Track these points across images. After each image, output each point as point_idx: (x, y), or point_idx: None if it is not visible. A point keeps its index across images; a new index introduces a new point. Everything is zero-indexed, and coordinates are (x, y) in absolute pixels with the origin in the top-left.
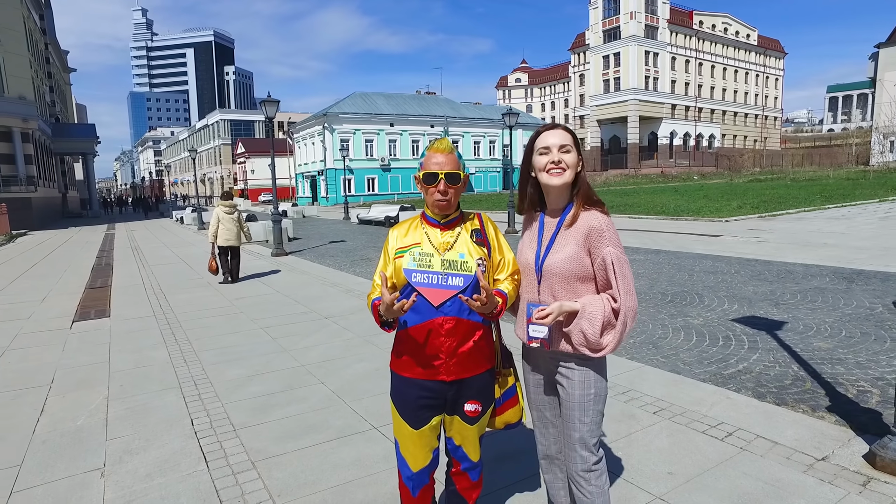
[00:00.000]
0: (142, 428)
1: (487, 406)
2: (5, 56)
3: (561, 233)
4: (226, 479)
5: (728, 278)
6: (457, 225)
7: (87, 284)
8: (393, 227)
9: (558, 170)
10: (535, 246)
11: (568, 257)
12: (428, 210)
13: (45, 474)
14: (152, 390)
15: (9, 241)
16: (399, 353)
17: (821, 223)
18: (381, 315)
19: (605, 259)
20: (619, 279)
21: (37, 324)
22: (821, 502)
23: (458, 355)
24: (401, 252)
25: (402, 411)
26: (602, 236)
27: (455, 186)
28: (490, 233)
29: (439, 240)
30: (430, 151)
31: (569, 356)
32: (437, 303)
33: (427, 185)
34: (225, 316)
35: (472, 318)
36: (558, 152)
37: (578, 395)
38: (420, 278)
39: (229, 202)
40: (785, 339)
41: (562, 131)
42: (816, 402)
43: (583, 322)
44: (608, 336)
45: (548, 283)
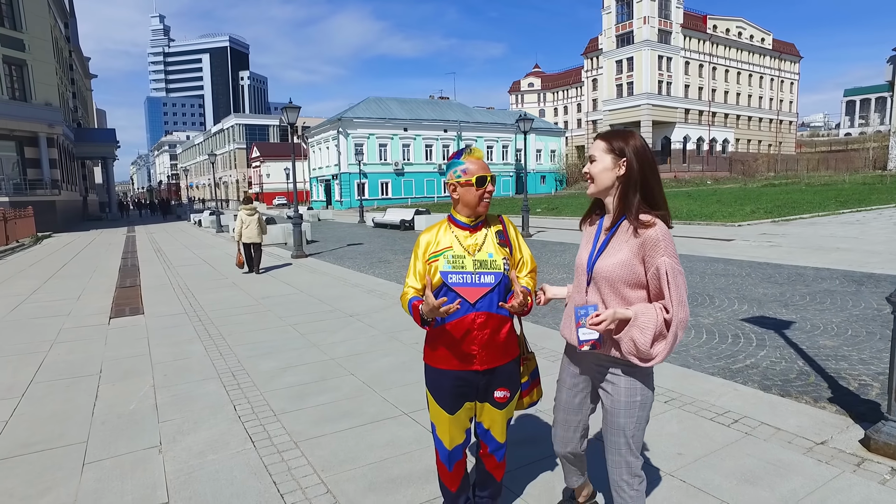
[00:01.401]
0: (189, 413)
1: (515, 392)
2: (34, 64)
3: (616, 237)
4: (272, 457)
5: (739, 281)
6: (482, 227)
7: (117, 284)
8: (422, 232)
9: (589, 181)
10: (589, 247)
11: (619, 263)
12: (456, 213)
13: (110, 450)
14: (194, 380)
15: (35, 243)
16: (434, 347)
17: (834, 228)
18: (423, 315)
19: (659, 269)
20: (673, 290)
21: (77, 320)
22: (817, 479)
23: (490, 346)
24: (434, 256)
25: (439, 399)
26: (657, 246)
27: (493, 188)
28: (511, 234)
29: (468, 242)
30: (472, 158)
31: (616, 362)
32: (474, 300)
33: (479, 187)
34: (253, 314)
35: (500, 312)
36: (588, 162)
37: (625, 402)
38: (456, 279)
39: (250, 206)
40: (792, 338)
41: (597, 142)
42: (819, 394)
43: (634, 331)
44: (658, 346)
45: (596, 285)
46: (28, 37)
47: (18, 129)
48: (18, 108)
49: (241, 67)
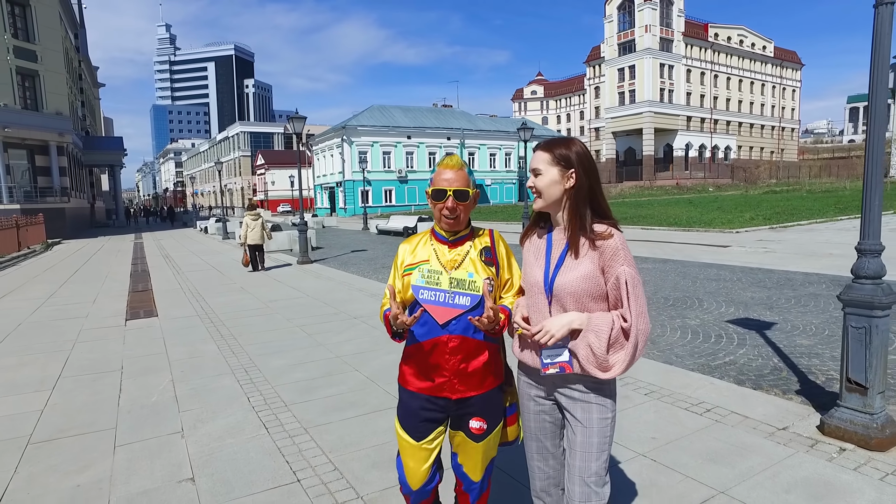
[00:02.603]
0: (207, 404)
1: (494, 424)
2: (45, 75)
3: (572, 251)
4: (285, 441)
5: (729, 285)
6: (466, 242)
7: (129, 288)
8: (403, 241)
9: (534, 195)
10: (542, 264)
11: (583, 276)
12: (437, 226)
13: (137, 435)
14: (209, 375)
15: (46, 250)
16: (406, 368)
17: (830, 234)
18: (392, 326)
19: (619, 278)
20: (633, 299)
21: (95, 321)
22: (773, 458)
23: (463, 374)
24: (409, 269)
25: (405, 422)
26: (617, 255)
27: (464, 203)
28: (500, 252)
29: (447, 257)
30: (440, 168)
31: (577, 378)
32: (443, 321)
33: (436, 201)
34: (262, 316)
35: (477, 337)
36: (532, 176)
37: (597, 419)
38: (427, 296)
39: (254, 212)
40: (772, 337)
41: (539, 153)
42: (788, 387)
43: (589, 335)
44: (617, 355)
45: (559, 303)
46: (40, 48)
47: (30, 138)
48: (30, 117)
49: (246, 75)
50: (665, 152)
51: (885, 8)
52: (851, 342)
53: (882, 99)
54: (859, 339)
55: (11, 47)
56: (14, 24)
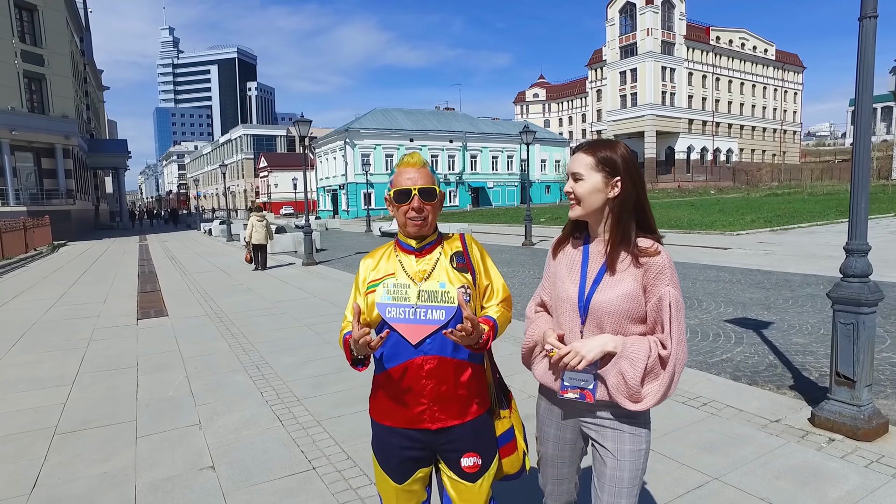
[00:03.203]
0: (222, 398)
1: (490, 459)
2: (52, 78)
3: (612, 266)
4: (298, 432)
5: (728, 286)
6: (434, 249)
7: (138, 289)
8: (365, 256)
9: (572, 202)
10: (577, 279)
11: (624, 295)
12: (402, 235)
13: (157, 427)
14: (222, 372)
15: (53, 251)
16: (377, 399)
17: (830, 237)
18: (353, 352)
19: (662, 300)
20: (675, 324)
21: (107, 321)
22: (765, 447)
23: (444, 400)
24: (373, 285)
25: (384, 463)
26: (663, 274)
27: (431, 203)
28: (475, 255)
29: (415, 268)
30: (401, 167)
31: (607, 405)
32: (416, 340)
33: (399, 203)
34: (270, 315)
35: (457, 356)
36: (571, 181)
37: (630, 452)
38: (395, 313)
39: (259, 213)
40: (768, 336)
41: (580, 155)
42: (782, 383)
43: (623, 363)
44: (650, 385)
45: (595, 322)
46: (48, 52)
47: (36, 141)
48: (37, 120)
49: (249, 78)
50: (667, 155)
51: (869, 21)
52: (840, 338)
53: (867, 106)
54: (847, 334)
55: (19, 51)
56: (22, 29)
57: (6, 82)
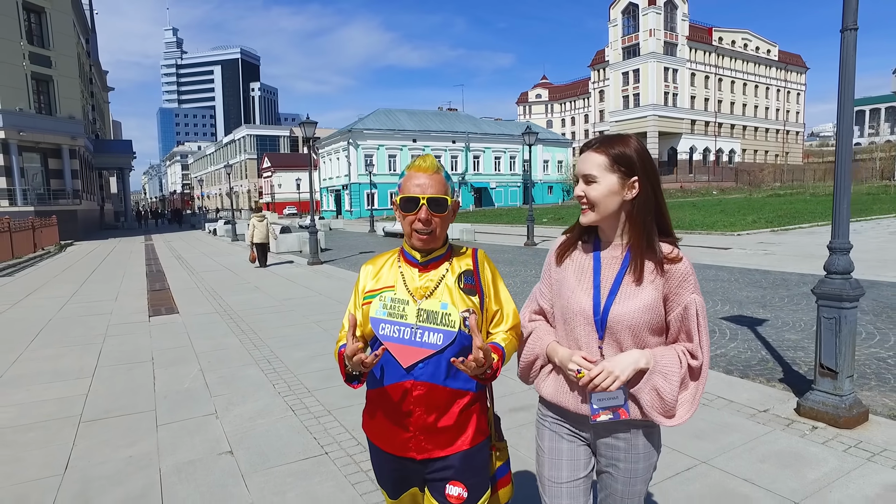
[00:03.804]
0: (236, 390)
1: (479, 491)
2: (59, 80)
3: (630, 275)
4: (310, 421)
5: (726, 285)
6: (441, 264)
7: (147, 287)
8: (367, 261)
9: (584, 207)
10: (589, 289)
11: (645, 306)
12: (406, 245)
13: (175, 416)
14: (235, 365)
15: (60, 251)
16: (369, 415)
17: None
18: (347, 367)
19: (688, 308)
20: (703, 334)
21: (120, 317)
22: (751, 434)
23: (432, 431)
24: (370, 296)
25: (378, 476)
26: (686, 282)
27: (440, 215)
28: (486, 277)
29: (417, 283)
30: (411, 170)
31: (626, 424)
32: (407, 364)
33: (405, 212)
34: (278, 313)
35: (449, 385)
36: (582, 184)
37: (643, 470)
38: (389, 331)
39: (260, 213)
40: (762, 333)
41: (591, 154)
42: (772, 376)
43: (656, 378)
44: (682, 397)
45: (613, 338)
46: (55, 54)
47: (43, 142)
48: (44, 121)
49: (252, 79)
50: (669, 155)
51: (850, 33)
52: (823, 331)
53: (848, 113)
54: (830, 328)
55: (27, 53)
56: (30, 31)
57: (14, 84)
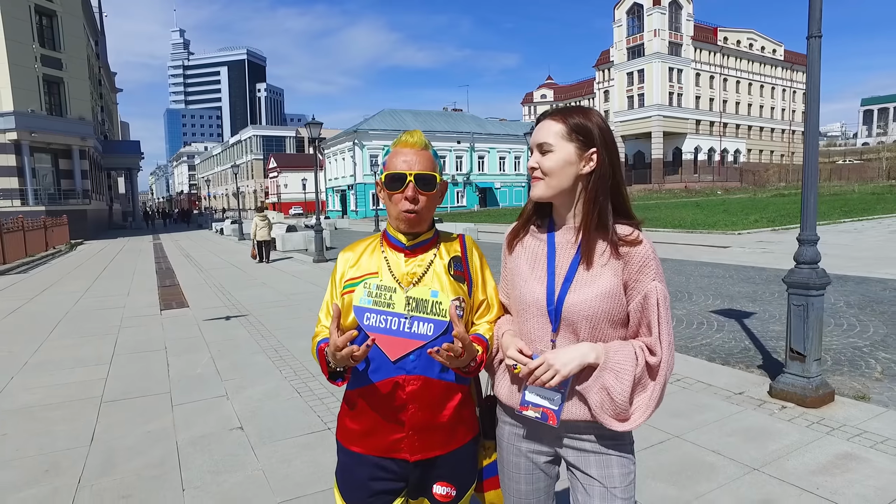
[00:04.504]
0: (245, 375)
1: (465, 489)
2: (69, 81)
3: (586, 259)
4: (314, 402)
5: (720, 281)
6: (429, 249)
7: (157, 284)
8: (344, 248)
9: (535, 179)
10: (542, 276)
11: (603, 293)
12: (391, 228)
13: (189, 397)
14: (244, 354)
15: (71, 250)
16: (347, 419)
17: (830, 236)
18: (330, 363)
19: (648, 297)
20: (664, 325)
21: (133, 311)
22: (725, 413)
23: (427, 428)
24: (351, 284)
25: (349, 495)
26: (647, 267)
27: (429, 194)
28: (474, 263)
29: (403, 269)
30: (397, 147)
31: (588, 426)
32: (396, 356)
33: (391, 190)
34: (285, 307)
35: (444, 378)
36: (536, 154)
37: (619, 478)
38: (375, 321)
39: (262, 213)
40: (748, 325)
41: (548, 122)
42: (752, 363)
43: (606, 376)
44: (638, 399)
45: (570, 329)
46: (66, 56)
47: (54, 142)
48: (55, 122)
49: (258, 79)
50: (674, 156)
51: (815, 40)
52: (793, 318)
53: (815, 114)
54: (799, 314)
55: (39, 56)
56: (41, 34)
57: (26, 85)
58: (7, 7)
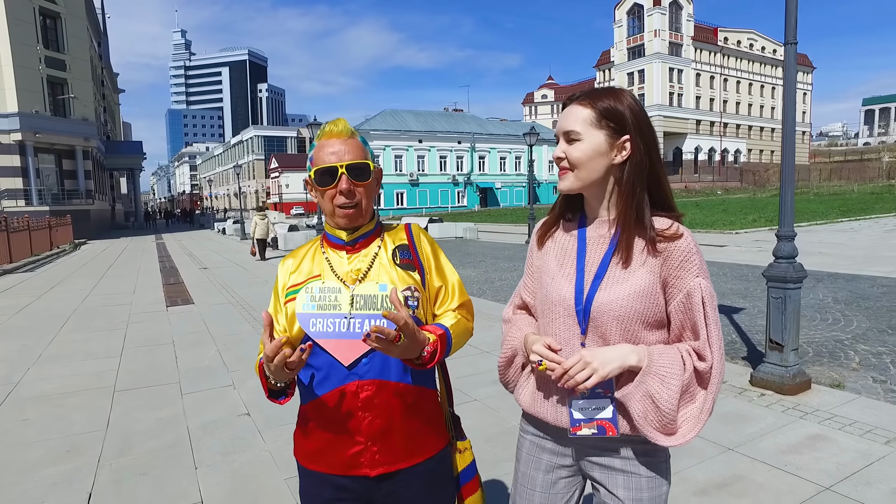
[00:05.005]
0: (250, 367)
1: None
2: (73, 83)
3: (619, 256)
4: None
5: (714, 279)
6: (371, 241)
7: (162, 281)
8: (284, 257)
9: (562, 170)
10: (572, 273)
11: (636, 292)
12: (329, 226)
13: (197, 387)
14: (249, 347)
15: (75, 249)
16: (303, 436)
17: (826, 235)
18: (269, 378)
19: (691, 296)
20: (713, 328)
21: (140, 307)
22: None
23: (387, 437)
24: (293, 291)
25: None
26: (689, 263)
27: (364, 184)
28: (423, 249)
29: (346, 267)
30: (321, 139)
31: (622, 441)
32: (348, 361)
33: (322, 187)
34: None
35: (404, 381)
36: (563, 143)
37: (648, 501)
38: (321, 326)
39: (261, 212)
40: (737, 319)
41: (575, 108)
42: (737, 354)
43: (650, 381)
44: (686, 410)
45: (598, 331)
46: (69, 58)
47: (58, 143)
48: (59, 123)
49: (260, 80)
50: (674, 156)
51: (791, 47)
52: (772, 310)
53: (791, 115)
54: (778, 306)
55: (43, 57)
56: (46, 36)
57: (31, 87)
58: (12, 10)
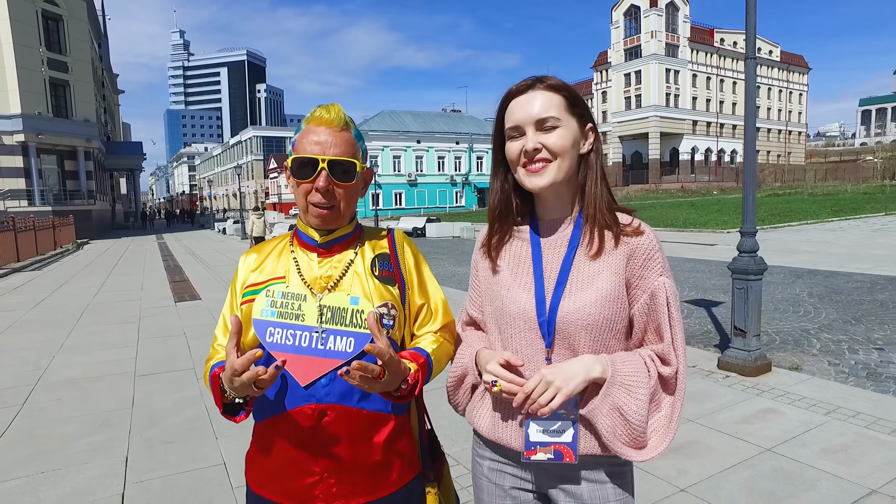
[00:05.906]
0: None
1: None
2: (75, 84)
3: (580, 256)
4: None
5: (699, 275)
6: (348, 247)
7: (168, 279)
8: (247, 251)
9: (538, 164)
10: (529, 282)
11: (605, 297)
12: (301, 223)
13: None
14: None
15: (78, 249)
16: (255, 457)
17: (814, 234)
18: (225, 391)
19: (656, 296)
20: (677, 329)
21: (150, 303)
22: None
23: (346, 469)
24: (252, 292)
25: None
26: (653, 261)
27: (346, 185)
28: (406, 261)
29: (316, 272)
30: (309, 124)
31: (591, 462)
32: (307, 381)
33: (299, 179)
34: None
35: (368, 407)
36: (535, 132)
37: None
38: (279, 337)
39: (258, 212)
40: (716, 312)
41: (544, 94)
42: (709, 343)
43: (616, 392)
44: (653, 421)
45: (566, 343)
46: (71, 59)
47: (60, 144)
48: (61, 124)
49: (258, 80)
50: (671, 156)
51: (751, 62)
52: (736, 299)
53: (752, 121)
54: (741, 296)
55: (45, 59)
56: (48, 38)
57: (33, 88)
58: (15, 13)
